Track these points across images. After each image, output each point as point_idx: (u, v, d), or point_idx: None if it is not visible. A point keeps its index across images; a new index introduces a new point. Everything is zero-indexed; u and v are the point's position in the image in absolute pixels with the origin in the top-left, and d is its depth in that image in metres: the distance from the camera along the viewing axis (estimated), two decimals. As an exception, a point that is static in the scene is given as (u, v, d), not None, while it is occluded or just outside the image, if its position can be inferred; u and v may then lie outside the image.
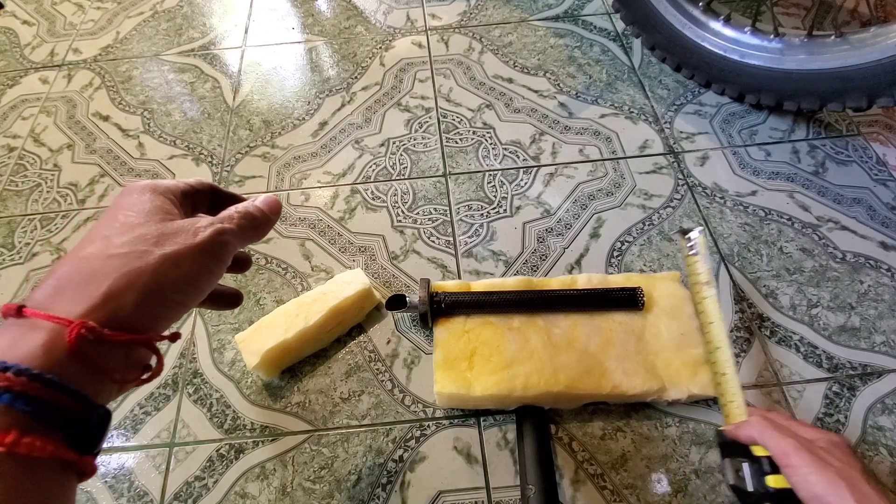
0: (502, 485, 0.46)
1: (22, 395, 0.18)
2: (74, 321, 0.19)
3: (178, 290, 0.22)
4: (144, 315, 0.21)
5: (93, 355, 0.19)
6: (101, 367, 0.20)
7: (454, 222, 0.63)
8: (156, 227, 0.22)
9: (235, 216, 0.25)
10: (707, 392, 0.47)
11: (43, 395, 0.18)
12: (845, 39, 0.57)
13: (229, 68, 0.82)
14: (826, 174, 0.64)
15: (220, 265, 0.24)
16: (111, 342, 0.20)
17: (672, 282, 0.54)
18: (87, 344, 0.19)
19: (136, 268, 0.21)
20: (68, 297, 0.20)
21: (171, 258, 0.21)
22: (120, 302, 0.20)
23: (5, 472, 0.17)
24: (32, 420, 0.18)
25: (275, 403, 0.51)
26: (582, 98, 0.74)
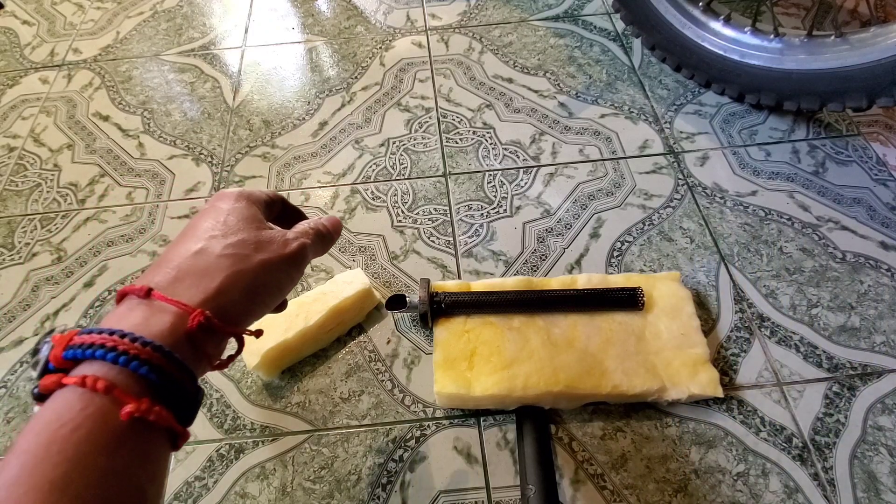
0: (502, 485, 0.46)
1: (156, 369, 0.20)
2: (196, 309, 0.22)
3: (269, 291, 0.26)
4: (241, 311, 0.24)
5: (201, 340, 0.22)
6: (204, 350, 0.23)
7: (454, 222, 0.63)
8: (254, 234, 0.26)
9: (311, 232, 0.29)
10: (707, 392, 0.47)
11: (169, 370, 0.20)
12: (845, 39, 0.57)
13: (229, 68, 0.82)
14: (826, 174, 0.64)
15: (299, 273, 0.28)
16: (217, 330, 0.23)
17: (672, 282, 0.54)
18: (202, 330, 0.22)
19: (240, 269, 0.24)
20: (186, 286, 0.23)
21: (266, 264, 0.25)
22: (228, 297, 0.23)
23: (131, 437, 0.19)
24: (158, 391, 0.20)
25: (275, 403, 0.51)
26: (582, 98, 0.74)
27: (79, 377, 0.19)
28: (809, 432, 0.47)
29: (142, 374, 0.20)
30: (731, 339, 0.53)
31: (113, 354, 0.19)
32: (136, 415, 0.19)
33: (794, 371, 0.51)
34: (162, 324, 0.21)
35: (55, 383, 0.19)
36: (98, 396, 0.19)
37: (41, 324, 0.58)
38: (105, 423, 0.19)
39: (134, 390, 0.20)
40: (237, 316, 0.24)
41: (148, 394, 0.20)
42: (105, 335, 0.20)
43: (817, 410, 0.49)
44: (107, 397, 0.19)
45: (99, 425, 0.18)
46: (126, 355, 0.20)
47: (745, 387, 0.50)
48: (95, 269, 0.61)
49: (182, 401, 0.21)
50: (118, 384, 0.19)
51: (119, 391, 0.19)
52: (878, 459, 0.46)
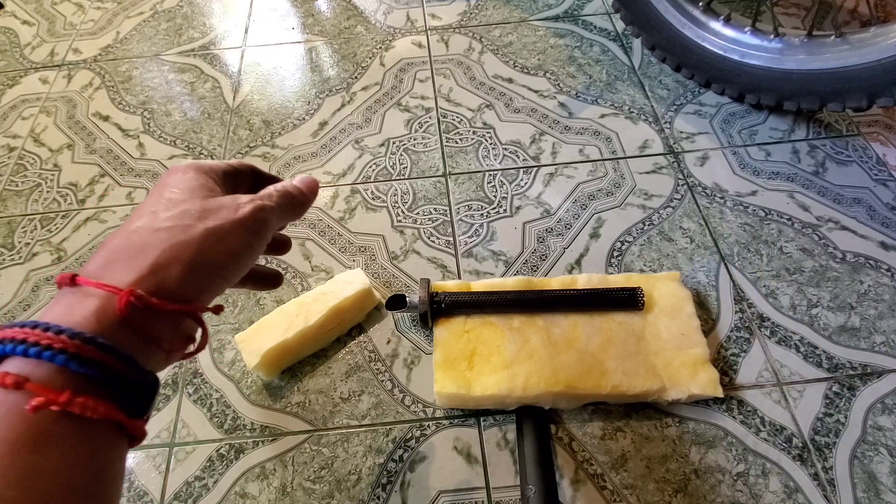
0: (502, 485, 0.46)
1: (76, 357, 0.18)
2: (124, 289, 0.20)
3: (221, 263, 0.23)
4: (189, 286, 0.21)
5: (142, 323, 0.20)
6: (150, 335, 0.21)
7: (454, 222, 0.63)
8: (200, 203, 0.23)
9: (275, 194, 0.26)
10: (707, 392, 0.47)
11: (96, 357, 0.19)
12: (845, 39, 0.57)
13: (229, 68, 0.82)
14: (826, 174, 0.64)
15: (260, 241, 0.25)
16: (159, 311, 0.20)
17: (672, 282, 0.54)
18: (137, 312, 0.20)
19: (181, 241, 0.21)
20: (118, 267, 0.21)
21: (214, 232, 0.22)
22: (167, 273, 0.21)
23: (60, 433, 0.17)
24: (85, 381, 0.19)
25: (275, 403, 0.51)
26: (582, 98, 0.74)
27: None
28: (809, 432, 0.47)
29: (59, 364, 0.18)
30: (731, 339, 0.53)
31: (24, 347, 0.18)
32: (55, 408, 0.17)
33: (794, 371, 0.51)
34: (86, 310, 0.19)
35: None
36: (11, 393, 0.17)
37: (41, 324, 0.58)
38: (23, 420, 0.17)
39: (55, 383, 0.18)
40: (185, 292, 0.21)
41: (73, 386, 0.18)
42: (18, 328, 0.19)
43: (817, 410, 0.49)
44: (20, 393, 0.17)
45: (16, 423, 0.17)
46: (38, 346, 0.18)
47: (745, 387, 0.50)
48: (95, 269, 0.61)
49: (123, 390, 0.19)
50: (33, 378, 0.18)
51: (32, 385, 0.17)
52: (878, 459, 0.46)
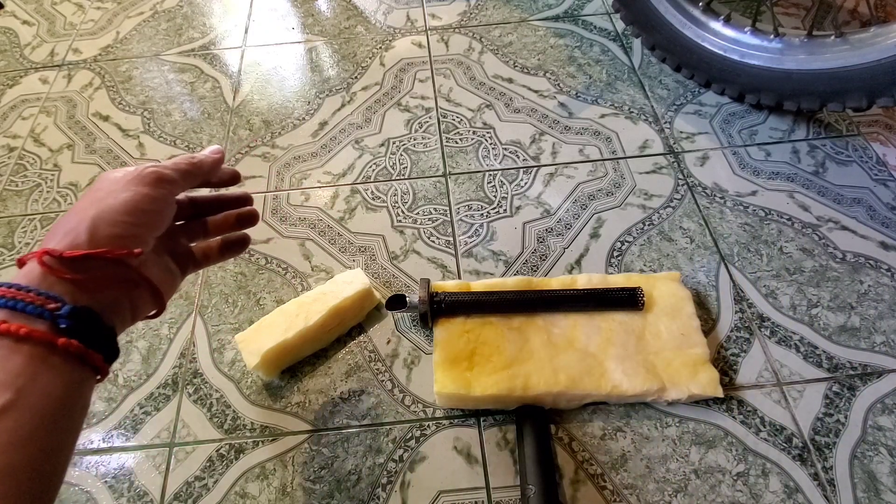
0: (502, 485, 0.46)
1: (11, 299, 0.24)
2: (38, 251, 0.26)
3: (121, 211, 0.28)
4: (100, 238, 0.26)
5: (70, 273, 0.26)
6: (82, 281, 0.26)
7: (454, 222, 0.63)
8: (113, 183, 0.29)
9: (176, 158, 0.32)
10: (707, 392, 0.47)
11: (18, 296, 0.24)
12: (845, 39, 0.57)
13: (229, 68, 0.82)
14: (826, 174, 0.64)
15: (158, 190, 0.30)
16: (72, 258, 0.25)
17: (672, 282, 0.54)
18: (54, 263, 0.25)
19: (84, 208, 0.27)
20: (46, 242, 0.27)
21: (110, 193, 0.28)
22: (76, 233, 0.26)
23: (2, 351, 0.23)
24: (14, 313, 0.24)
25: (275, 403, 0.51)
26: (582, 98, 0.74)
27: None
28: (809, 432, 0.47)
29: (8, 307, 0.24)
30: (731, 339, 0.53)
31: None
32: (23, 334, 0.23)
33: (794, 371, 0.51)
34: (21, 273, 0.26)
35: None
36: None
37: (41, 324, 0.58)
38: None
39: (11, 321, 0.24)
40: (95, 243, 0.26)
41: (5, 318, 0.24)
42: None
43: (817, 410, 0.49)
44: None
45: None
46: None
47: (745, 387, 0.50)
48: (95, 269, 0.61)
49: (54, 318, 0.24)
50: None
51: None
52: (878, 459, 0.46)
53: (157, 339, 0.56)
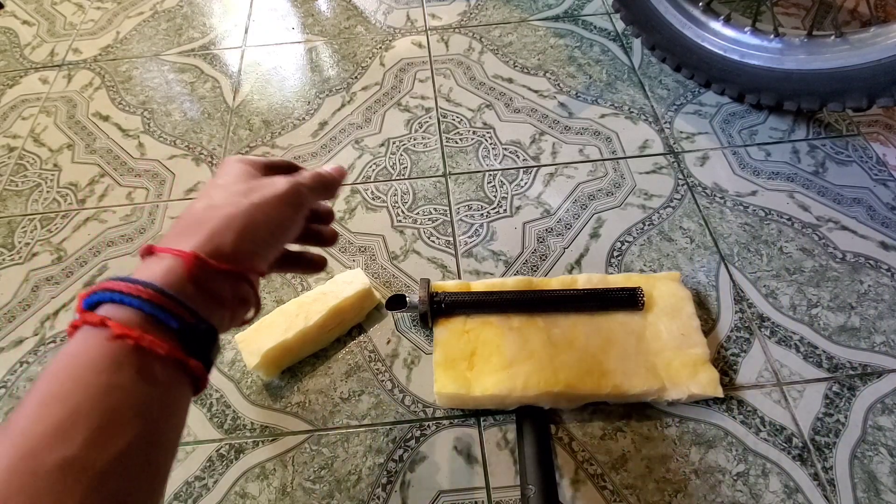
0: (502, 485, 0.46)
1: (147, 302, 0.22)
2: (188, 252, 0.24)
3: (266, 230, 0.27)
4: (241, 251, 0.25)
5: (205, 282, 0.24)
6: (212, 293, 0.24)
7: (454, 222, 0.63)
8: (245, 184, 0.28)
9: (308, 175, 0.31)
10: (707, 392, 0.47)
11: (160, 302, 0.22)
12: (845, 39, 0.57)
13: (229, 68, 0.82)
14: (826, 174, 0.64)
15: (297, 211, 0.29)
16: (216, 271, 0.24)
17: (672, 282, 0.54)
18: (199, 271, 0.24)
19: (231, 213, 0.26)
20: (184, 238, 0.25)
21: (257, 205, 0.27)
22: (222, 240, 0.25)
23: (133, 363, 0.21)
24: (155, 324, 0.22)
25: (275, 403, 0.51)
26: (582, 98, 0.74)
27: (94, 318, 0.22)
28: (809, 432, 0.47)
29: (135, 307, 0.22)
30: (731, 339, 0.53)
31: (109, 294, 0.22)
32: (130, 341, 0.21)
33: (794, 371, 0.51)
34: (157, 269, 0.23)
35: (70, 329, 0.22)
36: (96, 329, 0.21)
37: (41, 324, 0.58)
38: (104, 348, 0.21)
39: (131, 323, 0.22)
40: (236, 255, 0.25)
41: (145, 327, 0.22)
42: (111, 281, 0.23)
43: (817, 410, 0.49)
44: (104, 329, 0.21)
45: (98, 351, 0.21)
46: (121, 293, 0.22)
47: (745, 387, 0.50)
48: (95, 269, 0.61)
49: (186, 335, 0.23)
50: (114, 318, 0.21)
51: (112, 323, 0.21)
52: (878, 459, 0.46)
53: (157, 339, 0.56)
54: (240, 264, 0.25)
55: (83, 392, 0.20)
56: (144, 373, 0.21)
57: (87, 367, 0.20)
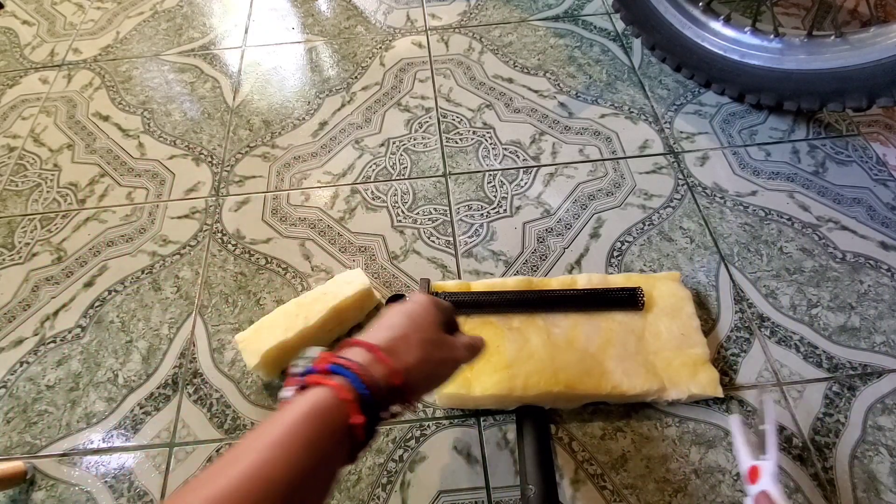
0: (502, 485, 0.46)
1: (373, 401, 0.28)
2: (402, 371, 0.30)
3: (436, 379, 0.34)
4: (417, 386, 0.32)
5: (390, 393, 0.30)
6: (390, 402, 0.31)
7: (454, 222, 0.63)
8: (438, 336, 0.34)
9: (470, 346, 0.37)
10: (707, 392, 0.47)
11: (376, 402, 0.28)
12: (845, 39, 0.57)
13: (229, 68, 0.82)
14: (826, 174, 0.64)
15: (454, 373, 0.36)
16: (401, 391, 0.30)
17: (672, 282, 0.54)
18: (394, 387, 0.30)
19: (426, 358, 0.32)
20: (394, 357, 0.31)
21: (442, 360, 0.34)
22: (414, 374, 0.31)
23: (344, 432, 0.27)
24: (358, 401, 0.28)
25: (275, 403, 0.51)
26: (582, 98, 0.74)
27: (335, 383, 0.28)
28: (809, 432, 0.47)
29: (365, 398, 0.28)
30: (731, 339, 0.53)
31: (356, 379, 0.28)
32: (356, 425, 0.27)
33: (794, 371, 0.51)
34: (379, 373, 0.30)
35: (319, 381, 0.28)
36: (339, 401, 0.27)
37: (41, 324, 0.58)
38: (332, 416, 0.27)
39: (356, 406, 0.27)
40: (414, 388, 0.32)
41: (360, 411, 0.28)
42: (355, 364, 0.29)
43: (817, 410, 0.49)
44: (343, 403, 0.27)
45: (331, 416, 0.27)
46: (363, 384, 0.28)
47: (745, 387, 0.50)
48: (95, 269, 0.61)
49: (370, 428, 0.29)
50: (351, 399, 0.27)
51: (352, 404, 0.27)
52: (878, 459, 0.46)
53: (157, 339, 0.56)
54: (414, 397, 0.32)
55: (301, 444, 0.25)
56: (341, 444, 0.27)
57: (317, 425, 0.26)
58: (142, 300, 0.59)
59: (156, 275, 0.61)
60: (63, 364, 0.55)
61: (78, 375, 0.54)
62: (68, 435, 0.51)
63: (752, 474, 0.41)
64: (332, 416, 0.27)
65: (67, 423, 0.52)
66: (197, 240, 0.63)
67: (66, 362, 0.55)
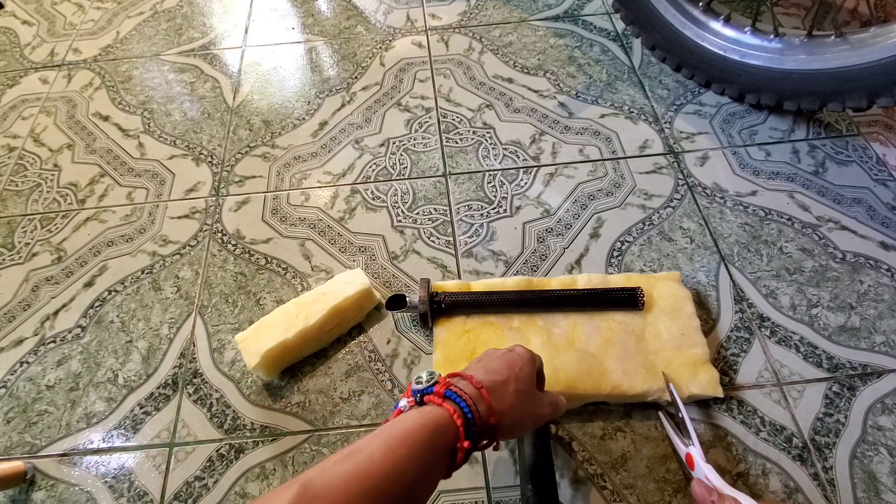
0: (502, 485, 0.46)
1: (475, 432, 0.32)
2: (497, 413, 0.34)
3: (523, 428, 0.37)
4: (505, 429, 0.35)
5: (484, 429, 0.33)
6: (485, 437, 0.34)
7: (454, 222, 0.63)
8: (531, 390, 0.37)
9: (555, 404, 0.40)
10: (707, 392, 0.47)
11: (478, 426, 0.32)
12: (845, 39, 0.57)
13: (229, 68, 0.82)
14: (826, 174, 0.64)
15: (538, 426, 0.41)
16: (492, 429, 0.34)
17: (672, 282, 0.54)
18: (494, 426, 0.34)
19: (518, 406, 0.36)
20: (494, 398, 0.34)
21: (530, 413, 0.37)
22: (506, 418, 0.35)
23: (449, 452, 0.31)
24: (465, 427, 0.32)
25: (275, 403, 0.51)
26: (582, 98, 0.74)
27: (450, 407, 0.32)
28: (809, 432, 0.47)
29: (470, 427, 0.32)
30: (731, 339, 0.53)
31: (468, 409, 0.32)
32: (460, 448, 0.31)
33: (794, 371, 0.51)
34: (482, 409, 0.33)
35: (436, 402, 0.32)
36: (451, 423, 0.31)
37: (41, 324, 0.58)
38: (442, 435, 0.31)
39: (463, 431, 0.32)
40: (503, 430, 0.35)
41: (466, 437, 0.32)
42: (467, 395, 0.33)
43: (817, 410, 0.49)
44: (453, 425, 0.31)
45: (444, 433, 0.31)
46: (472, 414, 0.32)
47: (745, 387, 0.50)
48: (95, 269, 0.61)
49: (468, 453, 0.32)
50: (460, 424, 0.31)
51: (461, 430, 0.31)
52: (878, 459, 0.46)
53: (157, 339, 0.56)
54: (501, 437, 0.35)
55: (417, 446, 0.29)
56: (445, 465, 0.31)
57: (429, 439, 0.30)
58: (142, 300, 0.59)
59: (156, 275, 0.61)
60: (63, 364, 0.55)
61: (78, 375, 0.54)
62: (68, 435, 0.51)
63: (688, 461, 0.44)
64: (445, 433, 0.31)
65: (67, 423, 0.52)
66: (197, 240, 0.63)
67: (66, 362, 0.55)
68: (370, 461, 0.28)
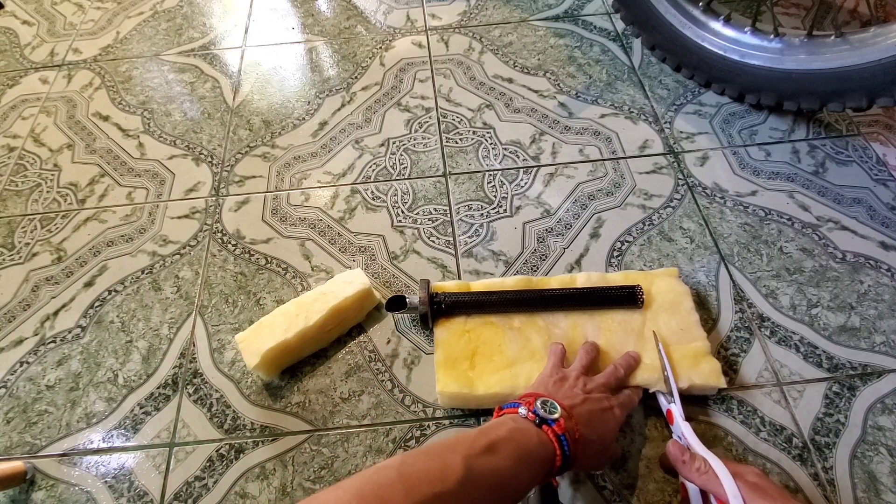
0: (502, 485, 0.46)
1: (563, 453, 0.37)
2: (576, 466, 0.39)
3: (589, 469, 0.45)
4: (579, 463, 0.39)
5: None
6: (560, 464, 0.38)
7: (454, 222, 0.63)
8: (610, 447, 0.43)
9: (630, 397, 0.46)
10: (709, 382, 0.47)
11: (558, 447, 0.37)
12: (845, 39, 0.57)
13: (229, 68, 0.82)
14: (826, 174, 0.64)
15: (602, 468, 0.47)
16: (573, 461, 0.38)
17: (670, 277, 0.54)
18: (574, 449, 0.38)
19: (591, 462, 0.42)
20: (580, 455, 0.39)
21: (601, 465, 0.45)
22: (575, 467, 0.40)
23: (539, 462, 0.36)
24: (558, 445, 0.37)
25: (275, 403, 0.51)
26: (582, 98, 0.74)
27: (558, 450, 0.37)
28: (809, 432, 0.47)
29: (565, 450, 0.37)
30: (731, 339, 0.53)
31: (562, 435, 0.37)
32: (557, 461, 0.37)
33: (794, 371, 0.51)
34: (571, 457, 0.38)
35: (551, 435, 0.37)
36: (548, 441, 0.37)
37: (41, 324, 0.58)
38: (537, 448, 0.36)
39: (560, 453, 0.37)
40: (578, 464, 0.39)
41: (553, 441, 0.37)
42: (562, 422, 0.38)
43: (817, 410, 0.49)
44: (550, 445, 0.37)
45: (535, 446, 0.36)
46: (563, 439, 0.37)
47: (745, 387, 0.50)
48: (95, 269, 0.61)
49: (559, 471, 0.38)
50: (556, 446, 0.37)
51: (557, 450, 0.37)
52: (878, 459, 0.46)
53: (157, 339, 0.56)
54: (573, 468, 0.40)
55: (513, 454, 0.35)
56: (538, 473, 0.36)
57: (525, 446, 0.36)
58: (142, 300, 0.59)
59: (156, 275, 0.61)
60: (63, 364, 0.55)
61: (78, 375, 0.54)
62: (68, 435, 0.51)
63: (668, 417, 0.46)
64: (546, 449, 0.37)
65: (67, 423, 0.52)
66: (197, 240, 0.63)
67: (66, 362, 0.55)
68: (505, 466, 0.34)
